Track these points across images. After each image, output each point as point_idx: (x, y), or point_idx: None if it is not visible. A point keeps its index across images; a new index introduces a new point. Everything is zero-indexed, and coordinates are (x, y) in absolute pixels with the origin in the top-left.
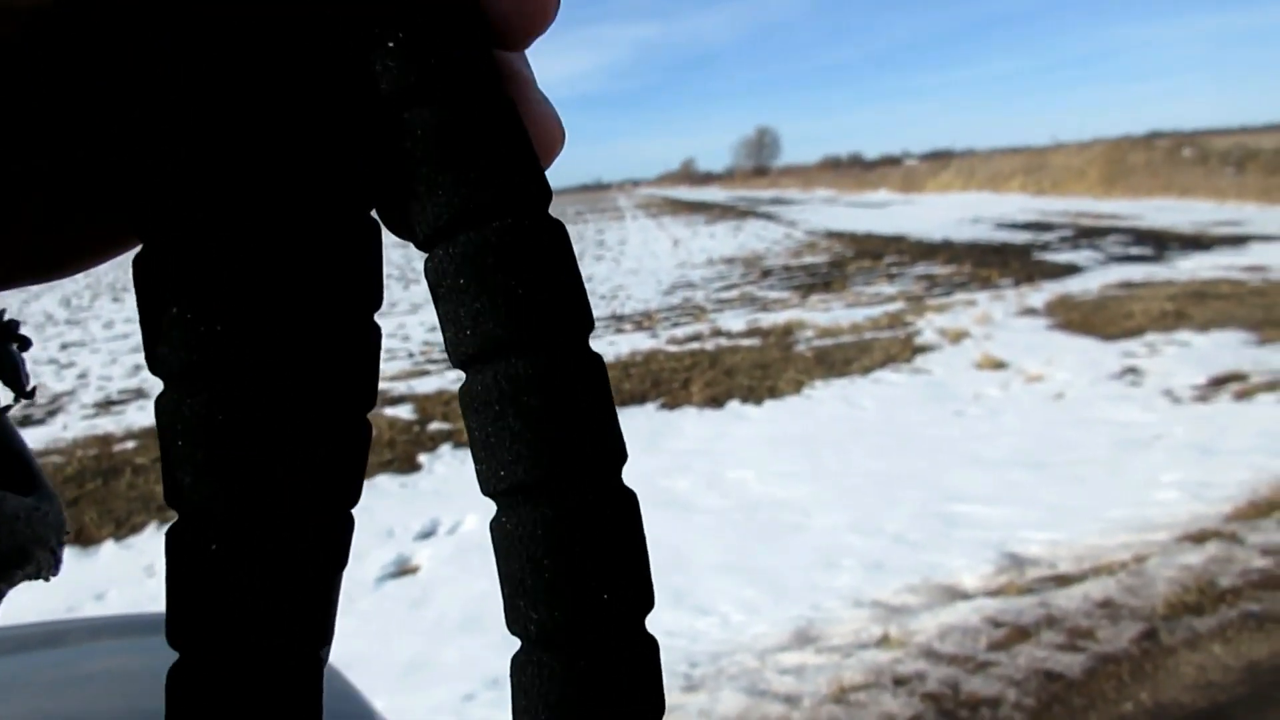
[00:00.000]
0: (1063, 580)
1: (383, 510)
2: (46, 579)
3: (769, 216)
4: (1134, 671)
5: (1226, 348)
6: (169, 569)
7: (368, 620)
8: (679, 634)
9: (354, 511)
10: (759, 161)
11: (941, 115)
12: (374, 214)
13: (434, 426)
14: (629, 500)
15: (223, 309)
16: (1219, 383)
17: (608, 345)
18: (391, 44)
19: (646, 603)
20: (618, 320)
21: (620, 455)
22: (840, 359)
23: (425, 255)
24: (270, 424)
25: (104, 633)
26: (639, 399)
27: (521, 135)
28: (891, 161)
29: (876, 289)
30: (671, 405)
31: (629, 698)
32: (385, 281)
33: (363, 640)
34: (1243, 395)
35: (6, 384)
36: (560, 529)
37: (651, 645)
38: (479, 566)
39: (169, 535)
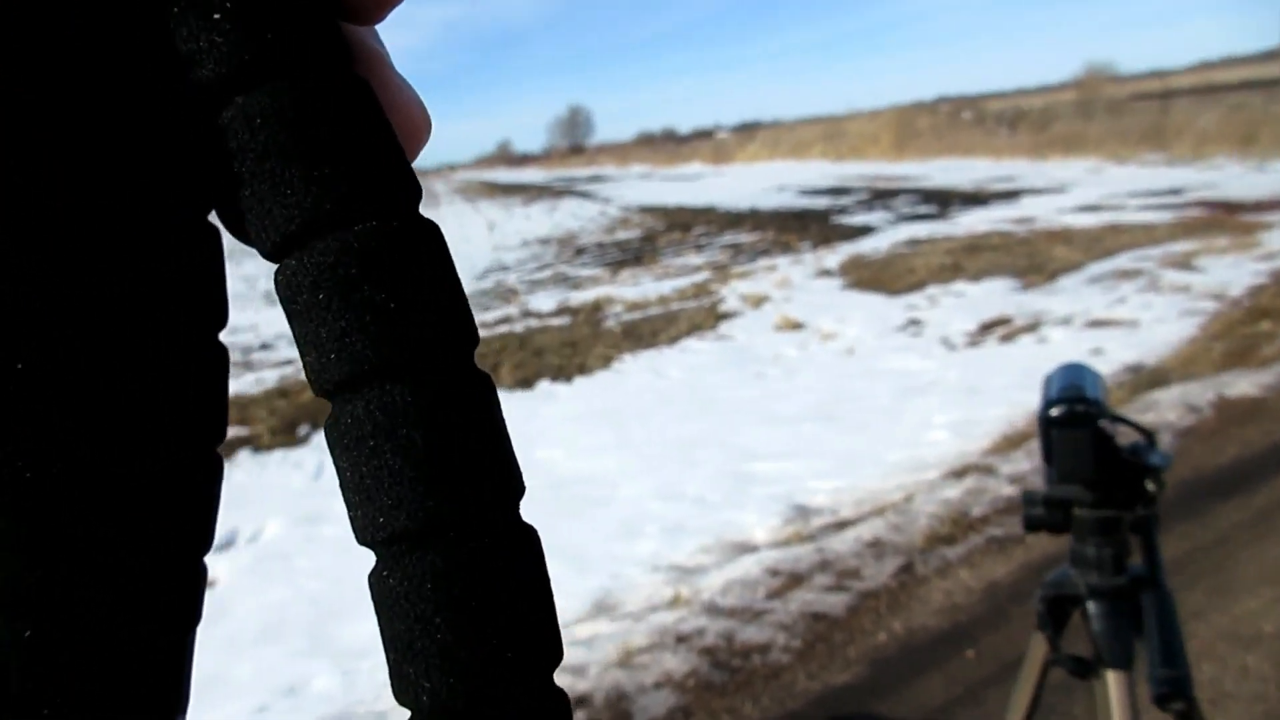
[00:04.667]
0: (841, 525)
1: None
2: None
3: (584, 195)
4: (890, 603)
5: (995, 295)
6: None
7: None
8: None
9: None
10: (574, 140)
11: (750, 87)
12: (213, 218)
13: (230, 432)
14: (530, 538)
15: (27, 354)
16: (987, 328)
17: None
18: (217, 15)
19: (556, 657)
20: None
21: (517, 489)
22: (648, 331)
23: (274, 266)
24: (98, 488)
25: None
26: None
27: (382, 122)
28: (704, 134)
29: (685, 260)
30: None
31: None
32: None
33: None
34: (1006, 338)
35: None
36: (453, 581)
37: (561, 697)
38: (279, 573)
39: None
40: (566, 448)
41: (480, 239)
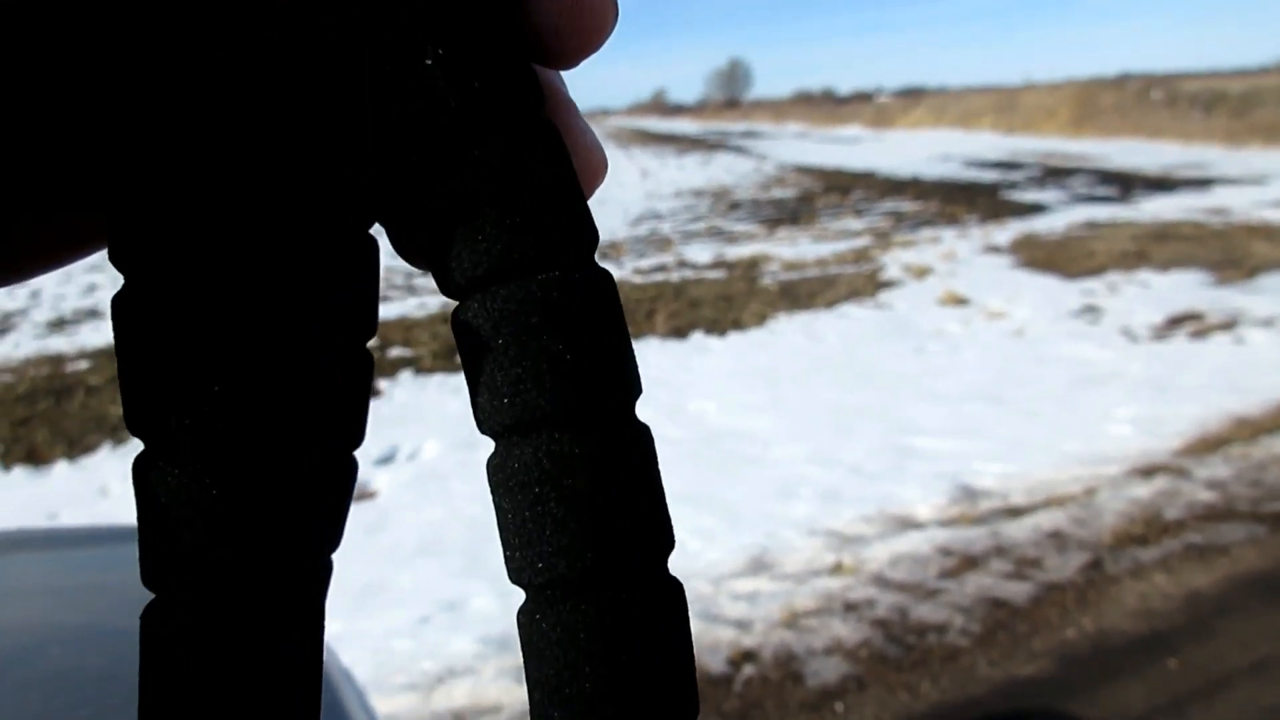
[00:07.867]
0: (1014, 511)
1: None
2: None
3: (739, 150)
4: (1078, 599)
5: (1185, 288)
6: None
7: None
8: None
9: None
10: (730, 94)
11: (915, 51)
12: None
13: (394, 353)
14: (678, 595)
15: (216, 365)
16: (1176, 322)
17: None
18: (429, 61)
19: (693, 711)
20: None
21: (668, 544)
22: (804, 293)
23: (455, 304)
24: (261, 494)
25: (24, 545)
26: None
27: (569, 173)
28: (863, 97)
29: (843, 224)
30: (635, 335)
31: None
32: None
33: None
34: (1198, 334)
35: None
36: (605, 633)
37: None
38: (436, 493)
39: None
40: (719, 401)
41: (634, 185)
